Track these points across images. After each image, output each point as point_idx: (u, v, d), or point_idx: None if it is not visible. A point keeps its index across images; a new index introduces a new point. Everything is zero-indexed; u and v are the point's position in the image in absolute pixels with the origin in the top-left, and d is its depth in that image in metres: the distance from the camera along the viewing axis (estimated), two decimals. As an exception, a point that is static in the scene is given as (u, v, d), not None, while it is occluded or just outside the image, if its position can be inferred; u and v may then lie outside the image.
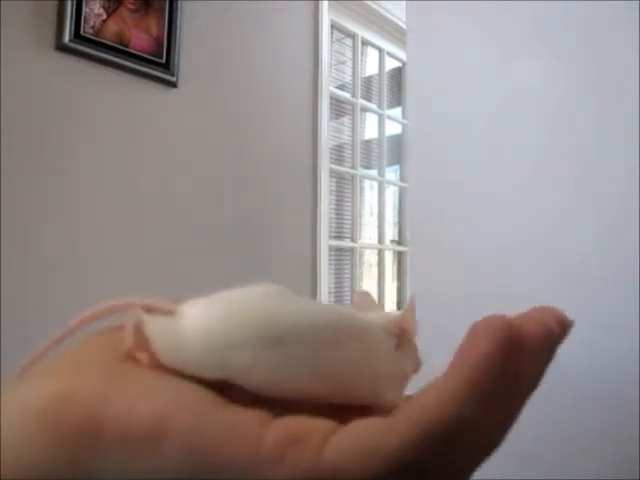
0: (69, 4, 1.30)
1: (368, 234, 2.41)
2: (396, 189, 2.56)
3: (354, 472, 0.15)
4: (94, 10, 1.36)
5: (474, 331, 0.17)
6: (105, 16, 1.38)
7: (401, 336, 0.21)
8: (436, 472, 0.16)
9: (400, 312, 0.21)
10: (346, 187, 2.25)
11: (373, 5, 2.28)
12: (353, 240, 2.25)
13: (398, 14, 2.26)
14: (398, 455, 0.15)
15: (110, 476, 0.16)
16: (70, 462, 0.16)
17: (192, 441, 0.16)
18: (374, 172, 2.43)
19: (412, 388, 0.20)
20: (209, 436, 0.16)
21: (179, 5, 1.53)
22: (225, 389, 0.18)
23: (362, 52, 2.36)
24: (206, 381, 0.18)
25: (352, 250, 2.25)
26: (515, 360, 0.16)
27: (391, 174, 2.53)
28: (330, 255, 2.10)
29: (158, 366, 0.18)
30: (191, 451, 0.16)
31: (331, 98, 2.11)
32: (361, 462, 0.15)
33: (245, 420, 0.17)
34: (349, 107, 2.29)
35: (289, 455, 0.16)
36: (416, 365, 0.22)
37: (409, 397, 0.21)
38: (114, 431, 0.16)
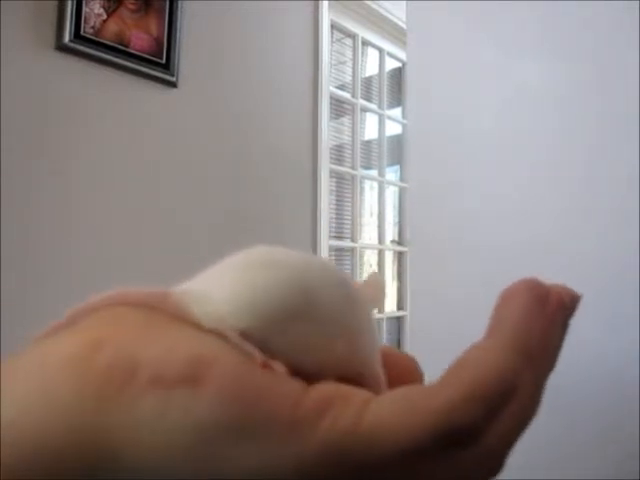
0: (69, 4, 1.30)
1: (368, 234, 2.41)
2: (396, 189, 2.56)
3: (397, 435, 0.14)
4: (94, 10, 1.36)
5: (507, 294, 0.17)
6: (105, 16, 1.38)
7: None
8: (485, 439, 0.15)
9: (371, 284, 0.21)
10: (346, 187, 2.25)
11: (373, 5, 2.28)
12: (353, 240, 2.25)
13: (398, 14, 2.26)
14: (446, 417, 0.14)
15: (142, 426, 0.14)
16: (98, 408, 0.14)
17: (232, 387, 0.15)
18: (374, 172, 2.43)
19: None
20: (250, 386, 0.15)
21: (179, 5, 1.53)
22: None
23: (362, 52, 2.36)
24: None
25: (352, 250, 2.25)
26: (551, 317, 0.17)
27: (391, 174, 2.53)
28: (330, 255, 2.10)
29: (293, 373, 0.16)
30: (230, 398, 0.15)
31: (331, 98, 2.11)
32: (407, 423, 0.14)
33: (286, 379, 0.16)
34: (349, 107, 2.29)
35: (328, 415, 0.15)
36: None
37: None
38: (148, 373, 0.15)
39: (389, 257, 2.51)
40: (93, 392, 0.15)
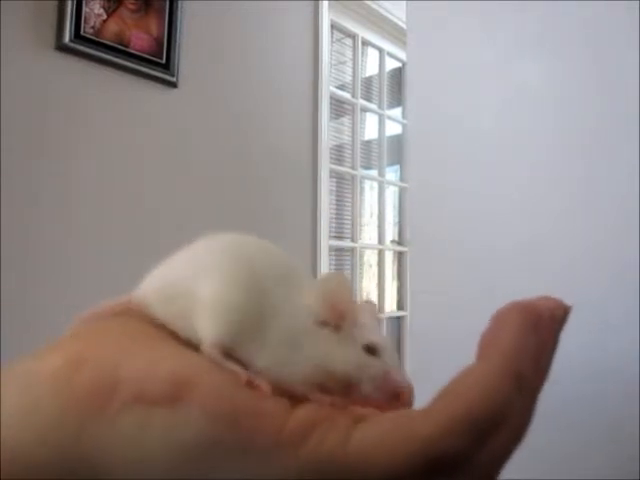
0: (69, 4, 1.30)
1: (368, 234, 2.41)
2: (396, 189, 2.56)
3: (383, 461, 0.14)
4: (94, 10, 1.36)
5: (499, 317, 0.17)
6: (105, 16, 1.38)
7: (335, 318, 0.19)
8: (474, 465, 0.14)
9: (325, 289, 0.19)
10: (346, 187, 2.25)
11: (373, 5, 2.28)
12: (353, 240, 2.25)
13: (398, 14, 2.26)
14: (432, 444, 0.14)
15: (122, 444, 0.14)
16: (78, 426, 0.14)
17: (215, 408, 0.15)
18: (374, 172, 2.43)
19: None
20: (232, 406, 0.15)
21: (179, 5, 1.53)
22: None
23: (362, 52, 2.36)
24: None
25: (352, 250, 2.25)
26: (543, 339, 0.16)
27: (391, 174, 2.53)
28: (330, 255, 2.10)
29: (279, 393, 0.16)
30: (212, 418, 0.15)
31: (331, 98, 2.11)
32: (393, 449, 0.14)
33: (270, 399, 0.16)
34: (349, 107, 2.29)
35: (313, 437, 0.15)
36: (373, 345, 0.19)
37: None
38: (129, 391, 0.15)
39: (389, 257, 2.50)
40: (74, 411, 0.15)
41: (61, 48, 1.31)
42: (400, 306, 2.48)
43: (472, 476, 0.15)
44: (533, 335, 0.16)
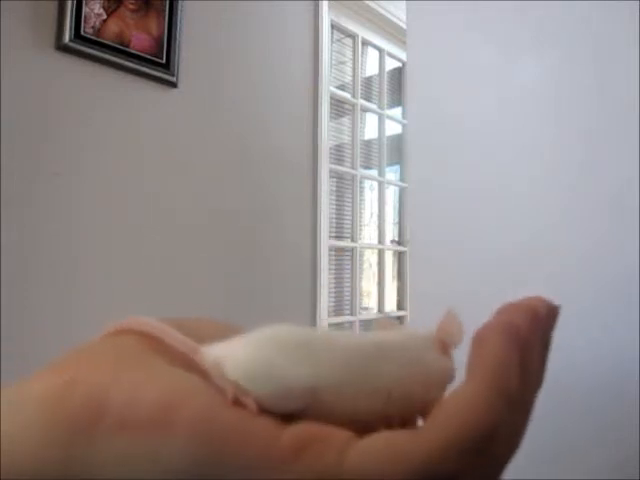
0: (69, 4, 1.30)
1: (368, 234, 2.41)
2: (396, 189, 2.56)
3: (379, 478, 0.14)
4: (94, 10, 1.36)
5: (479, 339, 0.17)
6: (105, 16, 1.38)
7: (444, 345, 0.20)
8: None
9: (439, 323, 0.21)
10: (346, 187, 2.25)
11: (373, 5, 2.28)
12: (353, 240, 2.25)
13: (398, 14, 2.26)
14: (427, 465, 0.14)
15: (110, 468, 0.15)
16: (67, 448, 0.15)
17: (200, 430, 0.15)
18: (374, 172, 2.43)
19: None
20: (219, 427, 0.15)
21: (179, 5, 1.53)
22: None
23: (362, 52, 2.36)
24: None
25: (352, 250, 2.25)
26: (526, 356, 0.16)
27: (391, 174, 2.53)
28: (330, 255, 2.10)
29: (264, 410, 0.16)
30: (198, 441, 0.15)
31: (331, 98, 2.11)
32: (387, 470, 0.14)
33: (259, 418, 0.16)
34: (349, 107, 2.29)
35: (308, 455, 0.15)
36: (450, 376, 0.20)
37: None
38: (117, 415, 0.15)
39: (389, 257, 2.50)
40: (63, 430, 0.15)
41: (61, 48, 1.31)
42: (400, 306, 2.48)
43: None
44: (516, 350, 0.16)
